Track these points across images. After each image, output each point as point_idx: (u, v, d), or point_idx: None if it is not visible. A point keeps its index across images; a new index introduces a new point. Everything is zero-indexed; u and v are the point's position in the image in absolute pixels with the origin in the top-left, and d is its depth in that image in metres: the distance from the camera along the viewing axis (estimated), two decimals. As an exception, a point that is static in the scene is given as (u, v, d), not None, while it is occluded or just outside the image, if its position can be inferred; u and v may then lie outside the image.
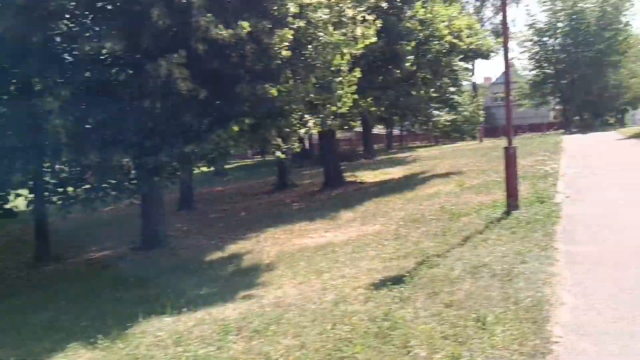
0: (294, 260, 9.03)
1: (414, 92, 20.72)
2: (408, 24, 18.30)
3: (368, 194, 17.98)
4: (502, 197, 10.75)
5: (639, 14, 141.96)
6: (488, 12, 57.02)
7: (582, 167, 16.35)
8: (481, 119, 50.57)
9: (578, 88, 45.58)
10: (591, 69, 44.08)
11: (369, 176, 24.77)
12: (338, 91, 9.70)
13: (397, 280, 6.54)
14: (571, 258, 6.78)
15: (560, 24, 46.38)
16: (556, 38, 47.01)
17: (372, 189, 19.54)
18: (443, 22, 19.85)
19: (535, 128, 55.11)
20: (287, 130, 10.00)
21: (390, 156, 38.44)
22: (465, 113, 50.23)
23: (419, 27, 18.76)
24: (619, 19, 44.39)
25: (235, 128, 8.06)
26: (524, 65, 50.75)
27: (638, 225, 8.25)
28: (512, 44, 61.62)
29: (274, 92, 8.49)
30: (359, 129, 42.29)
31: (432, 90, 22.56)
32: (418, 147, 53.56)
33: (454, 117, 33.24)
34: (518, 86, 53.41)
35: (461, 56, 21.44)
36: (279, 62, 8.84)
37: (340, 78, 9.69)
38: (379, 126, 51.69)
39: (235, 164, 50.53)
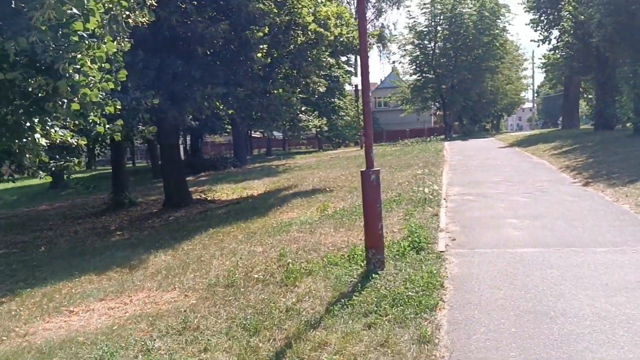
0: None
1: (275, 91, 16.97)
2: (260, 5, 14.51)
3: (209, 221, 14.00)
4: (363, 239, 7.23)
5: (516, 20, 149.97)
6: (369, 13, 55.08)
7: (468, 184, 13.46)
8: (362, 123, 48.80)
9: (458, 93, 44.60)
10: (470, 73, 43.21)
11: (226, 191, 20.75)
12: (71, 77, 5.56)
13: None
14: None
15: (440, 28, 45.25)
16: (436, 42, 45.82)
17: (219, 212, 15.55)
18: (306, 7, 16.34)
19: (417, 133, 54.08)
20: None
21: (264, 164, 34.60)
22: (346, 118, 48.30)
23: (275, 10, 15.05)
24: (496, 24, 43.97)
25: None
26: (405, 70, 49.23)
27: (560, 306, 4.98)
28: (393, 47, 60.61)
29: None
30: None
31: (299, 90, 18.98)
32: (299, 152, 50.44)
33: (324, 122, 30.39)
34: (400, 91, 52.10)
35: (330, 50, 18.04)
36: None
37: (73, 54, 5.53)
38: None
39: (94, 172, 44.25)
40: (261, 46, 14.86)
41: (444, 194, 11.93)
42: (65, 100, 5.67)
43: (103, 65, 6.77)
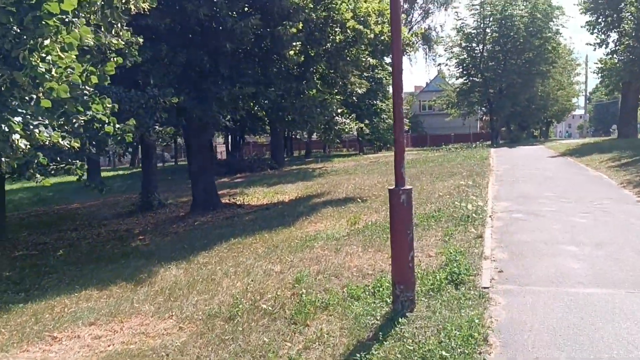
0: None
1: (309, 92, 15.95)
2: (295, 0, 13.54)
3: (234, 228, 13.12)
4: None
5: (569, 23, 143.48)
6: (415, 14, 53.68)
7: (517, 200, 12.10)
8: (405, 127, 47.29)
9: (506, 98, 42.66)
10: (520, 78, 41.18)
11: (257, 195, 19.87)
12: (34, 67, 4.65)
13: None
14: None
15: (489, 30, 43.41)
16: (485, 44, 43.98)
17: (246, 218, 14.65)
18: (345, 2, 15.27)
19: (462, 138, 52.22)
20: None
21: (301, 166, 33.68)
22: (388, 121, 46.92)
23: (311, 5, 14.05)
24: (549, 27, 41.79)
25: None
26: (451, 72, 47.49)
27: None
28: (439, 49, 58.86)
29: None
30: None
31: (335, 91, 17.95)
32: (339, 155, 49.35)
33: (365, 124, 29.22)
34: (445, 94, 50.44)
35: (370, 49, 16.89)
36: None
37: (37, 40, 4.60)
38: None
39: (135, 170, 44.20)
40: (295, 43, 13.89)
41: (490, 210, 10.64)
42: (34, 96, 4.79)
43: (97, 52, 5.90)
